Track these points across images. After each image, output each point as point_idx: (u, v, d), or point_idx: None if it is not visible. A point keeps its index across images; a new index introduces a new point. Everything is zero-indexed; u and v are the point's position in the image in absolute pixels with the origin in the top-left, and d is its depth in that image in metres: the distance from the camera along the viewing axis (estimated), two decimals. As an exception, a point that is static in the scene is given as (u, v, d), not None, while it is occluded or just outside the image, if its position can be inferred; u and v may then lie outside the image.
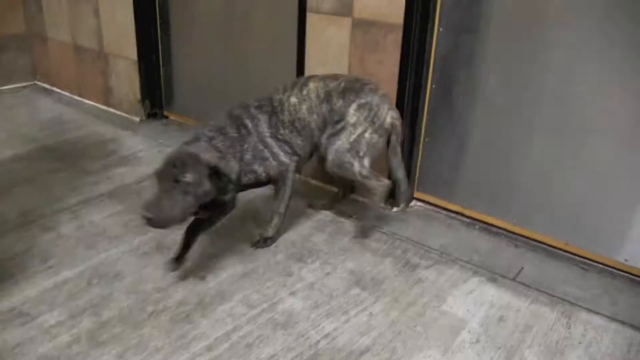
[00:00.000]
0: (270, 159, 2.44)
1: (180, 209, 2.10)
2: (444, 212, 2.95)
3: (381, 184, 2.53)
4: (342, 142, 2.45)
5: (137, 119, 4.26)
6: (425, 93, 2.82)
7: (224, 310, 2.22)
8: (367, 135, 2.45)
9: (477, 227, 2.84)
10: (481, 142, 2.78)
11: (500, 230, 2.79)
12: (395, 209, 2.95)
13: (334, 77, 2.53)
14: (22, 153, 3.74)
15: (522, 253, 2.62)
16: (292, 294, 2.32)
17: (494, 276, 2.44)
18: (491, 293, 2.34)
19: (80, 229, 2.78)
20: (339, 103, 2.44)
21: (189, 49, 4.02)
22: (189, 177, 2.10)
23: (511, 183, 2.72)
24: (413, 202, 3.03)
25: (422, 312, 2.23)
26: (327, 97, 2.45)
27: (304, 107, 2.46)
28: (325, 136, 2.50)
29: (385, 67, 2.81)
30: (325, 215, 2.90)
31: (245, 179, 2.40)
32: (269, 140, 2.44)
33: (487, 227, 2.83)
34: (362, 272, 2.45)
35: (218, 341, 2.08)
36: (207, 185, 2.16)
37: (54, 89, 5.13)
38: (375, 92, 2.48)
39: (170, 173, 2.11)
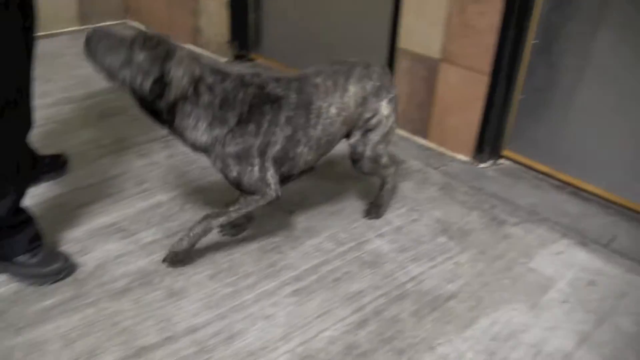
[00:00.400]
0: (256, 169, 1.98)
1: (110, 62, 1.82)
2: (532, 172, 2.89)
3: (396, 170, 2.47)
4: (377, 136, 2.25)
5: (225, 59, 4.30)
6: (526, 48, 2.73)
7: (312, 245, 2.26)
8: (394, 124, 2.34)
9: (566, 190, 2.76)
10: (581, 105, 2.69)
11: (591, 196, 2.71)
12: (482, 165, 2.90)
13: (368, 74, 2.22)
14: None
15: (615, 221, 2.54)
16: (379, 236, 2.34)
17: (584, 241, 2.39)
18: (581, 257, 2.29)
19: (172, 158, 2.86)
20: (372, 101, 2.20)
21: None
22: (141, 56, 1.80)
23: (608, 149, 2.63)
24: (501, 160, 2.97)
25: (509, 266, 2.20)
26: (363, 102, 2.18)
27: (340, 119, 2.12)
28: (357, 137, 2.25)
29: (486, 18, 2.73)
30: (412, 164, 2.88)
31: (211, 150, 1.99)
32: (271, 155, 2.01)
33: (578, 192, 2.75)
34: (449, 222, 2.44)
35: (306, 273, 2.12)
36: (148, 79, 1.81)
37: (144, 27, 5.22)
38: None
39: (138, 39, 1.82)
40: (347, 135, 2.26)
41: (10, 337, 1.84)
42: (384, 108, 2.23)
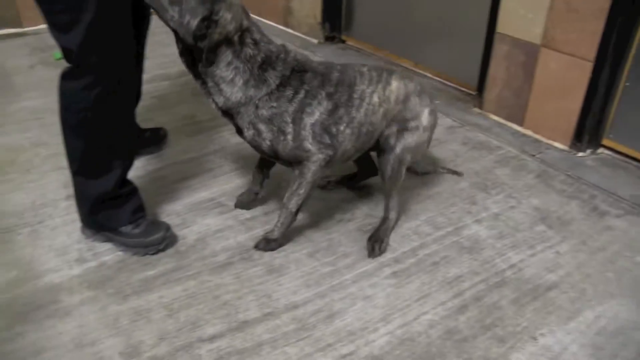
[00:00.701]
0: (289, 138, 1.92)
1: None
2: (635, 162, 2.78)
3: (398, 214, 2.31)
4: (411, 140, 2.12)
5: (316, 41, 4.31)
6: (637, 33, 2.62)
7: (409, 228, 2.26)
8: (427, 144, 2.24)
9: (674, 183, 2.65)
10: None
11: (700, 189, 2.58)
12: (580, 154, 2.81)
13: (409, 76, 2.20)
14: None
15: None
16: (477, 221, 2.31)
17: (695, 235, 2.28)
18: (692, 252, 2.19)
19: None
20: (415, 102, 2.12)
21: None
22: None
23: None
24: (600, 149, 2.87)
25: (613, 259, 2.13)
26: (405, 99, 2.11)
27: (381, 111, 2.05)
28: (392, 130, 2.12)
29: (594, 3, 2.63)
30: (508, 151, 2.83)
31: (240, 108, 1.95)
32: (308, 125, 1.94)
33: (684, 184, 2.63)
34: (548, 211, 2.38)
35: (405, 255, 2.12)
36: (196, 16, 1.76)
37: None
38: None
39: None
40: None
41: (118, 302, 1.92)
42: (425, 118, 2.14)
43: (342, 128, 1.97)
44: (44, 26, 1.95)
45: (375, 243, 2.13)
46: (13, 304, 1.91)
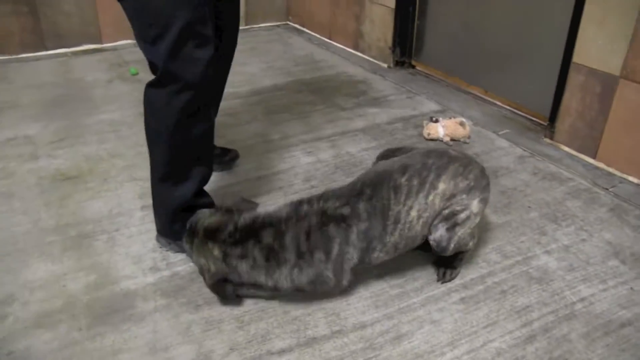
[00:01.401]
0: (332, 281, 1.96)
1: None
2: None
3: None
4: (465, 230, 2.01)
5: (385, 65, 4.36)
6: None
7: (478, 255, 2.25)
8: (479, 220, 2.11)
9: None
10: None
11: None
12: (655, 189, 2.75)
13: (464, 172, 2.01)
14: (281, 84, 4.03)
15: None
16: (547, 252, 2.28)
17: None
18: None
19: (337, 158, 2.96)
20: (462, 197, 1.98)
21: (445, 5, 4.02)
22: None
23: None
24: (677, 186, 2.80)
25: (691, 300, 2.07)
26: (451, 197, 1.97)
27: (421, 221, 1.95)
28: (441, 231, 1.99)
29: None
30: (579, 183, 2.79)
31: None
32: (346, 270, 1.97)
33: None
34: (621, 246, 2.34)
35: (473, 282, 2.12)
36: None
37: (305, 29, 5.41)
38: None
39: None
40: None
41: (190, 312, 1.99)
42: (475, 206, 2.00)
43: (375, 255, 1.96)
44: (121, 42, 2.06)
45: (447, 269, 2.12)
46: (93, 306, 2.00)
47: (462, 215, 1.97)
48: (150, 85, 2.00)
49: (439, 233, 1.96)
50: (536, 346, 1.85)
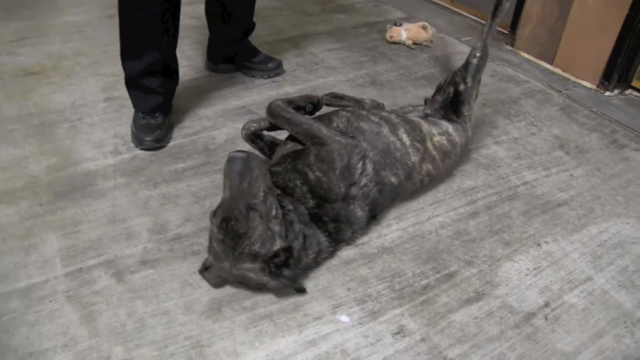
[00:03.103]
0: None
1: None
2: (662, 105, 2.80)
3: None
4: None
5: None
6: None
7: (429, 144, 2.32)
8: None
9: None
10: None
11: None
12: (607, 93, 2.84)
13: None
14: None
15: None
16: (497, 143, 2.38)
17: None
18: None
19: (300, 57, 2.99)
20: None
21: None
22: None
23: None
24: (629, 90, 2.89)
25: (625, 185, 2.19)
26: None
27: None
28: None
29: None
30: (535, 85, 2.87)
31: None
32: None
33: None
34: (567, 139, 2.44)
35: (422, 166, 2.19)
36: None
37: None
38: None
39: None
40: None
41: (149, 188, 2.06)
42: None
43: None
44: None
45: None
46: (54, 184, 2.06)
47: None
48: None
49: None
50: (478, 221, 1.96)
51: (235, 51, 2.75)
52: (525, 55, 3.20)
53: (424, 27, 3.17)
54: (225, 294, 1.64)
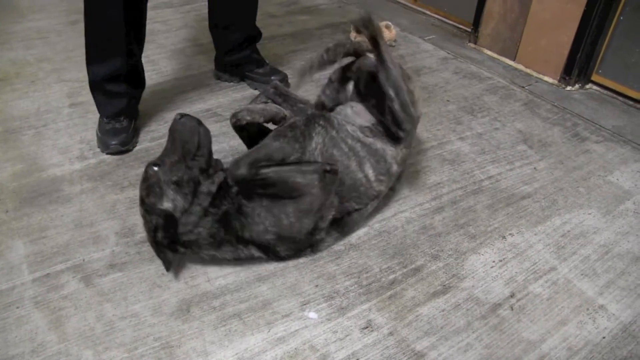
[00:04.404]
0: None
1: None
2: (622, 97, 2.86)
3: None
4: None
5: None
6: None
7: (395, 140, 2.35)
8: None
9: (657, 118, 2.73)
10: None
11: (680, 124, 2.67)
12: (568, 88, 2.90)
13: None
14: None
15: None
16: (461, 139, 2.41)
17: (669, 163, 2.38)
18: (663, 176, 2.29)
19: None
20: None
21: None
22: None
23: None
24: (589, 85, 2.96)
25: (587, 177, 2.24)
26: None
27: None
28: None
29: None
30: (498, 81, 2.92)
31: None
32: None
33: (668, 120, 2.71)
34: (531, 133, 2.48)
35: (388, 163, 2.22)
36: None
37: None
38: None
39: None
40: None
41: (115, 192, 2.05)
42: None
43: None
44: None
45: None
46: (19, 191, 2.04)
47: None
48: None
49: None
50: (444, 215, 1.99)
51: (238, 60, 2.70)
52: (488, 52, 3.25)
53: (387, 27, 3.20)
54: (194, 294, 1.64)
